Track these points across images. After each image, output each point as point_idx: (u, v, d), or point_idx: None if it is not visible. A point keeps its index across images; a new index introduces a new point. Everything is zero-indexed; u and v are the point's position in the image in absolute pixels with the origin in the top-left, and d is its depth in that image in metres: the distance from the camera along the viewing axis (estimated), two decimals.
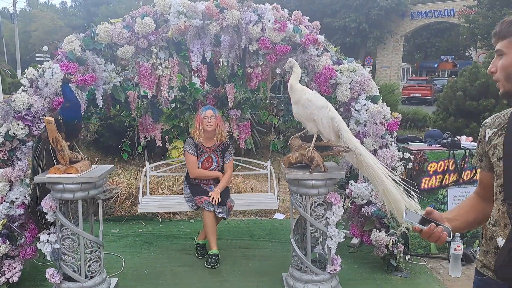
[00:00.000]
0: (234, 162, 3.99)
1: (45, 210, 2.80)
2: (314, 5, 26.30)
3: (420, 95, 22.14)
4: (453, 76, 31.14)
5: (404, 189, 2.90)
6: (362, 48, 29.18)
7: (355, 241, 3.90)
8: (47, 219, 2.83)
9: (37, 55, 27.26)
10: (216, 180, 3.73)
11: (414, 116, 10.70)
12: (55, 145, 2.71)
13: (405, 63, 33.32)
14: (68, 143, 2.79)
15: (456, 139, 3.72)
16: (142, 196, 3.85)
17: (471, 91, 7.24)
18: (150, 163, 4.16)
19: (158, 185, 4.87)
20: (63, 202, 2.81)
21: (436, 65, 36.02)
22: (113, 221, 4.54)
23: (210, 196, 3.53)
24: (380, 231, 3.37)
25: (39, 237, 2.88)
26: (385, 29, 27.98)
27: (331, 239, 2.95)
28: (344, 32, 27.18)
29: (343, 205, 3.07)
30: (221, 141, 3.70)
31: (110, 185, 4.87)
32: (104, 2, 44.12)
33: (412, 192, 2.92)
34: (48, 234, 2.85)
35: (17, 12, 31.82)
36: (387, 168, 2.93)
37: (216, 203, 3.51)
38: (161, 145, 4.23)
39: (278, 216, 4.78)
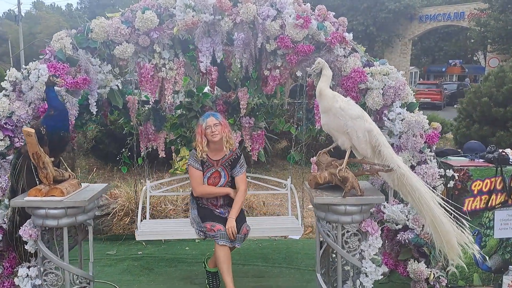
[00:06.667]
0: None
1: (24, 239, 2.34)
2: None
3: (429, 99, 21.63)
4: (463, 81, 30.76)
5: (447, 211, 2.44)
6: (369, 52, 28.71)
7: (384, 269, 3.41)
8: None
9: (40, 56, 27.03)
10: (228, 200, 3.17)
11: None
12: (36, 162, 2.25)
13: (413, 67, 32.93)
14: (52, 158, 2.34)
15: (504, 153, 3.23)
16: (141, 220, 3.30)
17: (497, 97, 6.78)
18: (151, 177, 3.69)
19: (160, 199, 4.38)
20: (46, 229, 2.35)
21: (444, 69, 35.64)
22: (109, 240, 4.08)
23: (226, 227, 2.96)
24: (418, 261, 2.89)
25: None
26: (393, 32, 27.59)
27: (366, 275, 2.47)
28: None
29: None
30: (231, 152, 3.16)
31: (108, 199, 4.42)
32: (109, 4, 44.04)
33: (460, 219, 2.49)
34: (28, 267, 2.39)
35: (22, 14, 31.59)
36: (433, 191, 2.47)
37: (234, 237, 2.96)
38: (164, 156, 3.77)
39: (293, 236, 4.29)
